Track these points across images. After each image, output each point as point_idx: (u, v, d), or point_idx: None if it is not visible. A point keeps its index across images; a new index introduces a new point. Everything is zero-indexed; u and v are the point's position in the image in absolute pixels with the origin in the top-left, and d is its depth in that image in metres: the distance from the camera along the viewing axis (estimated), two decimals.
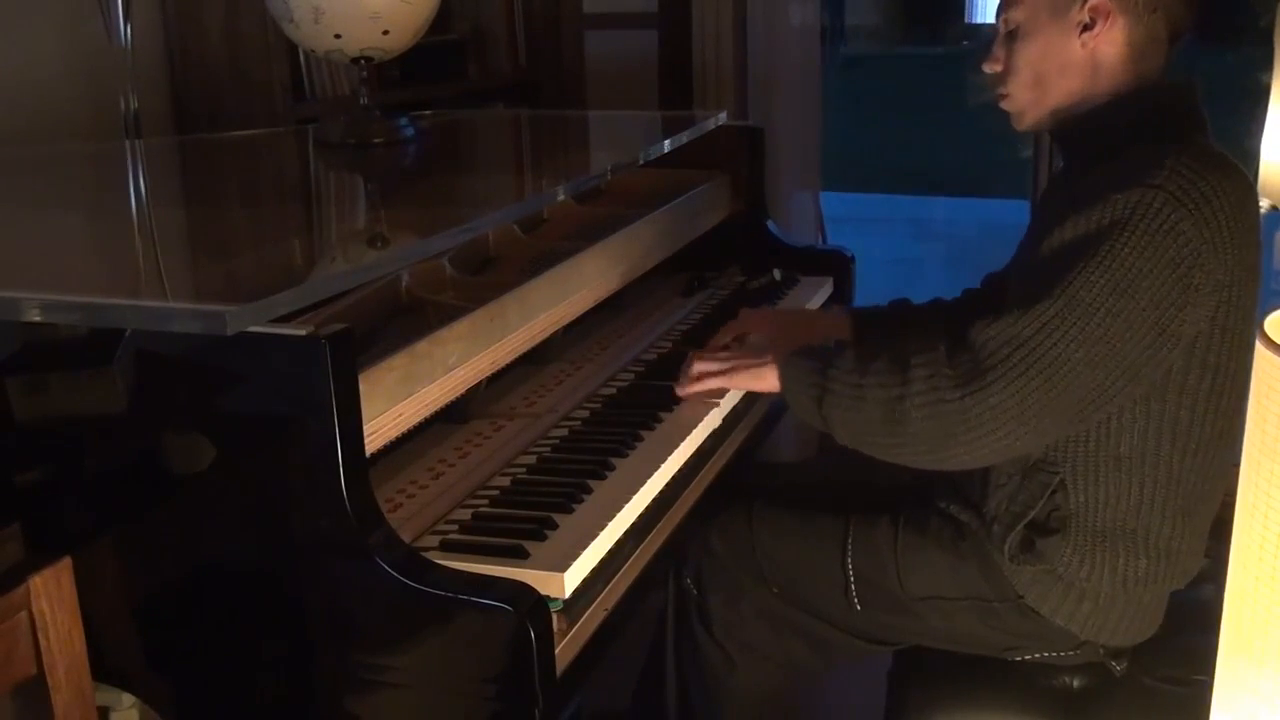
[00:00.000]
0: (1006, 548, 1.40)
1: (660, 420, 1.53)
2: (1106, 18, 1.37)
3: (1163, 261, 1.25)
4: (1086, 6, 1.37)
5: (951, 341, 1.33)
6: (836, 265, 2.22)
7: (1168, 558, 1.39)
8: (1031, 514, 1.38)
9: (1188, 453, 1.36)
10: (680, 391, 1.58)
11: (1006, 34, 1.44)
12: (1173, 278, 1.25)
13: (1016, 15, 1.42)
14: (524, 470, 1.40)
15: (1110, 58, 1.39)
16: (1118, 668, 1.45)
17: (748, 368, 1.53)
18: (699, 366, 1.57)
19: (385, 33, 1.81)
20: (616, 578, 1.29)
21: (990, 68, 1.48)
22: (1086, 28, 1.38)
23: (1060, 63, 1.40)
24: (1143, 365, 1.28)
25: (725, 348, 1.67)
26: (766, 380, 1.50)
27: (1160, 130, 1.36)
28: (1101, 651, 1.45)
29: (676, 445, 1.46)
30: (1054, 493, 1.38)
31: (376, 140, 1.91)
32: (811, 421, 1.42)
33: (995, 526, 1.42)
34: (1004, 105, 1.48)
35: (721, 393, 1.60)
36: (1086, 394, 1.27)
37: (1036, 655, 1.47)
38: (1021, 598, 1.42)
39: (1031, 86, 1.43)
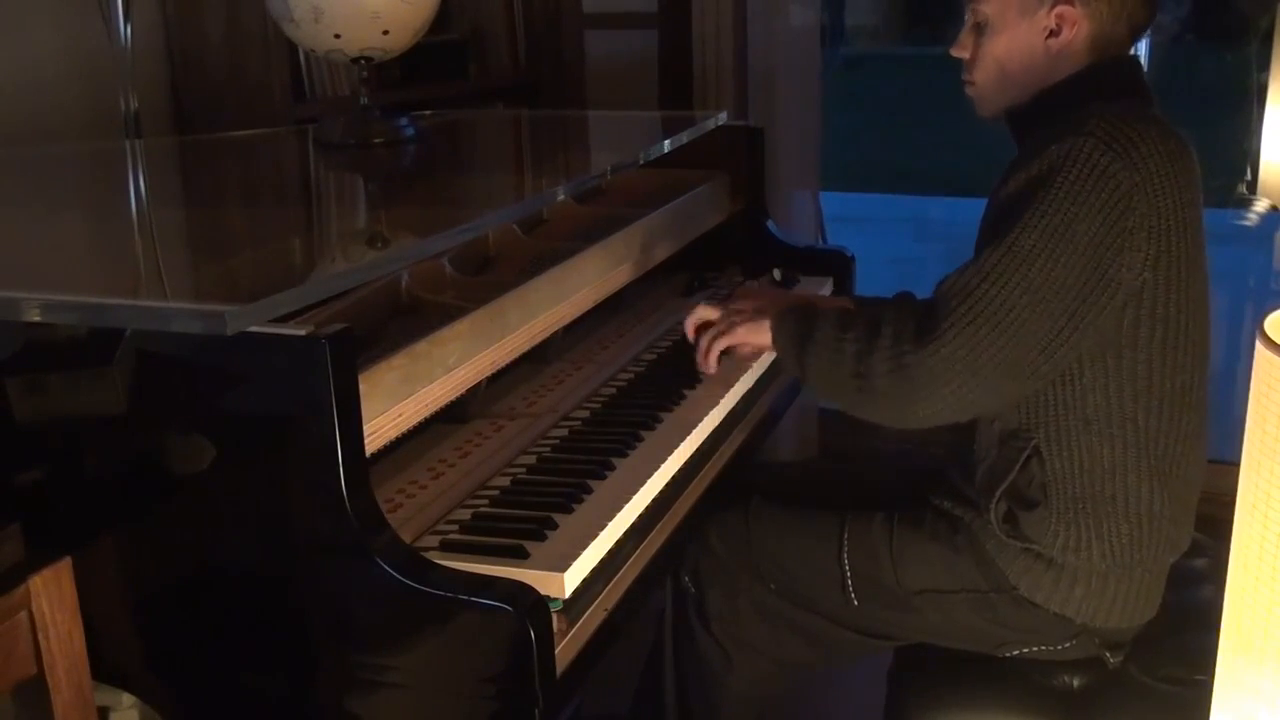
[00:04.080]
0: (993, 516, 1.41)
1: (660, 420, 1.53)
2: (1073, 26, 1.43)
3: (1096, 204, 1.30)
4: (1053, 13, 1.43)
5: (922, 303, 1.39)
6: (836, 265, 2.22)
7: (1150, 523, 1.41)
8: (1010, 477, 1.40)
9: (1151, 410, 1.39)
10: (698, 348, 1.62)
11: (975, 25, 1.49)
12: (1107, 221, 1.30)
13: (985, 9, 1.47)
14: (524, 470, 1.40)
15: (1072, 56, 1.45)
16: (1112, 660, 1.45)
17: (746, 322, 1.56)
18: (701, 313, 1.62)
19: (385, 33, 1.81)
20: (616, 578, 1.29)
21: (957, 53, 1.54)
22: (1053, 33, 1.44)
23: (1025, 60, 1.46)
24: (1086, 312, 1.32)
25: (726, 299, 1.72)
26: (762, 333, 1.53)
27: (1099, 94, 1.42)
28: (1097, 642, 1.45)
29: (676, 445, 1.46)
30: (1030, 458, 1.40)
31: (376, 140, 1.91)
32: (793, 372, 1.50)
33: (981, 500, 1.44)
34: (969, 91, 1.54)
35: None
36: (1035, 343, 1.31)
37: (1033, 649, 1.47)
38: (1016, 588, 1.43)
39: (996, 78, 1.49)
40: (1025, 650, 1.48)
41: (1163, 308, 1.35)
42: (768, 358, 1.79)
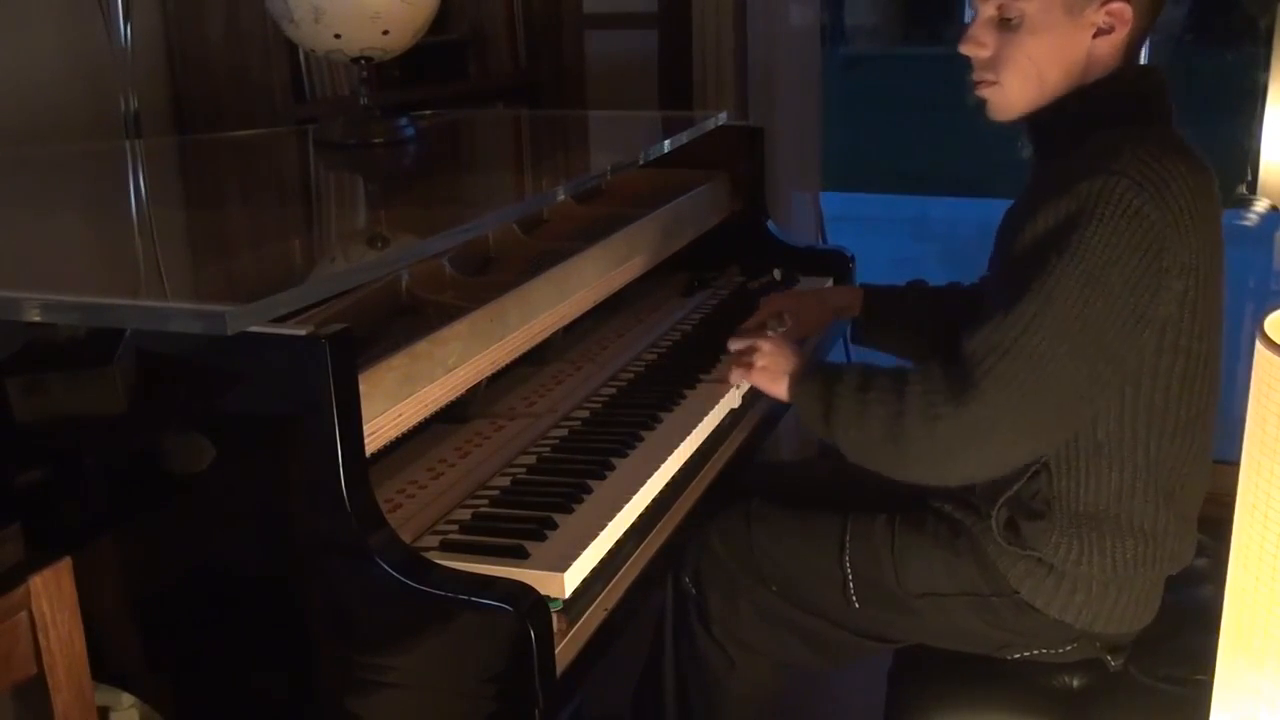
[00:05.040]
0: (994, 524, 1.41)
1: (660, 420, 1.53)
2: (1125, 23, 1.38)
3: (1130, 246, 1.26)
4: (1105, 9, 1.37)
5: (947, 356, 1.34)
6: (836, 265, 2.22)
7: (1154, 540, 1.40)
8: (1015, 488, 1.40)
9: (1164, 436, 1.37)
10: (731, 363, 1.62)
11: (1000, 20, 1.41)
12: (1143, 262, 1.27)
13: (1024, 6, 1.38)
14: (524, 470, 1.40)
15: (1106, 56, 1.40)
16: (1113, 663, 1.45)
17: (765, 370, 1.54)
18: (735, 344, 1.61)
19: (385, 33, 1.81)
20: (616, 578, 1.29)
21: (975, 51, 1.44)
22: (1102, 31, 1.38)
23: (1064, 60, 1.40)
24: (1125, 354, 1.30)
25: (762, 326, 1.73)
26: (779, 389, 1.52)
27: (1126, 115, 1.38)
28: (1098, 645, 1.45)
29: (676, 445, 1.46)
30: (1037, 473, 1.39)
31: (376, 140, 1.91)
32: (822, 435, 1.44)
33: (983, 507, 1.43)
34: (987, 93, 1.45)
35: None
36: (1077, 387, 1.29)
37: (1034, 652, 1.47)
38: (1017, 592, 1.43)
39: (1031, 80, 1.41)
40: (1026, 653, 1.48)
41: (1185, 339, 1.33)
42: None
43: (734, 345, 1.62)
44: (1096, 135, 1.35)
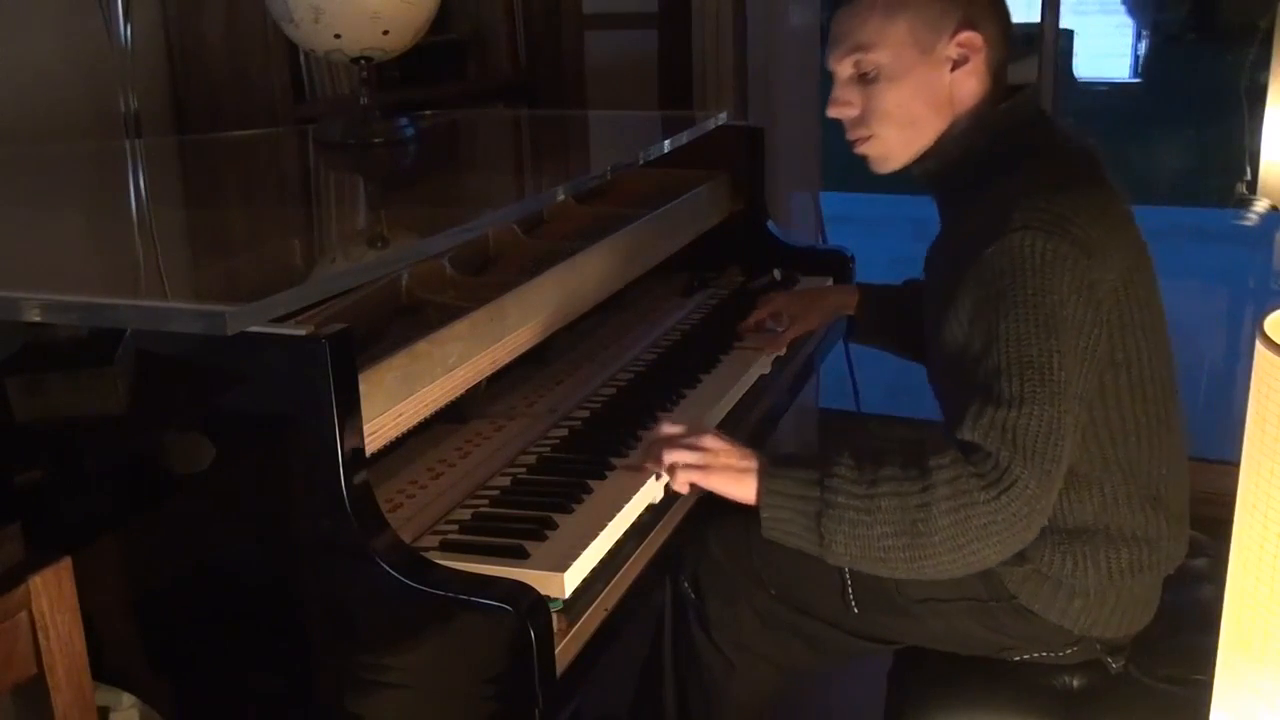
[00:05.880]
0: None
1: (660, 420, 1.52)
2: (977, 51, 1.40)
3: (1064, 289, 1.27)
4: (955, 41, 1.39)
5: (955, 441, 1.29)
6: (836, 265, 2.22)
7: (1147, 544, 1.41)
8: None
9: (1131, 448, 1.38)
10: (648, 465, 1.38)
11: (859, 77, 1.43)
12: (1080, 301, 1.28)
13: (877, 58, 1.41)
14: (524, 470, 1.40)
15: (972, 89, 1.42)
16: (1114, 665, 1.45)
17: (727, 470, 1.35)
18: (674, 456, 1.36)
19: (385, 33, 1.81)
20: (616, 578, 1.29)
21: (843, 112, 1.46)
22: (958, 64, 1.40)
23: (929, 99, 1.42)
24: (1086, 390, 1.31)
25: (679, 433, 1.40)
26: (744, 487, 1.34)
27: (1015, 148, 1.39)
28: (1098, 647, 1.45)
29: None
30: None
31: (376, 140, 1.91)
32: (795, 541, 1.32)
33: None
34: (866, 149, 1.48)
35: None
36: (1068, 439, 1.28)
37: (1034, 655, 1.47)
38: (1015, 598, 1.43)
39: (904, 127, 1.44)
40: (1026, 656, 1.48)
41: (1121, 353, 1.34)
42: (760, 365, 1.79)
43: (667, 430, 1.38)
44: (990, 183, 1.37)
